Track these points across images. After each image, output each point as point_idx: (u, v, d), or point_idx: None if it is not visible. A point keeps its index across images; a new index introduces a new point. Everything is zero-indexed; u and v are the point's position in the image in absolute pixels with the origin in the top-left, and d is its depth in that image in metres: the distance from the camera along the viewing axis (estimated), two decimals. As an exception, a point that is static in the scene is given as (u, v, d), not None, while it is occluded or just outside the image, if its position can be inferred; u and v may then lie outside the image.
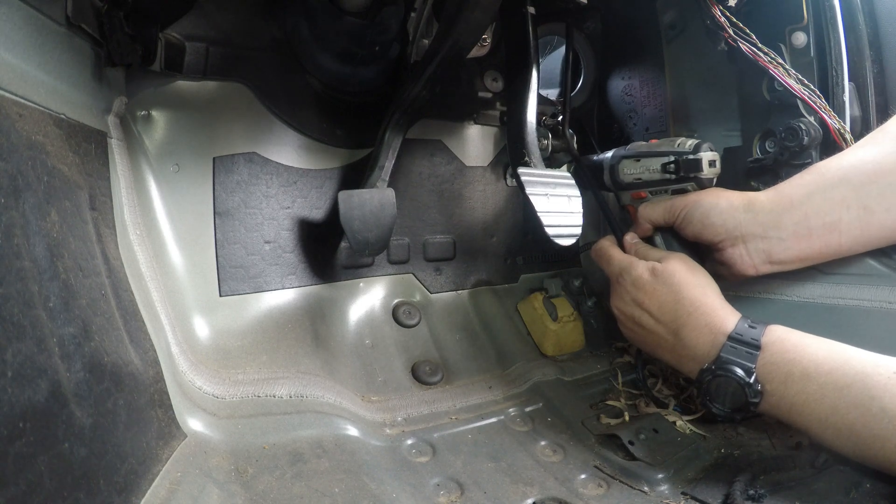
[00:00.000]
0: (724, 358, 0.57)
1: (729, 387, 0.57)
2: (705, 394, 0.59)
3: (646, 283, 0.66)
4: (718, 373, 0.57)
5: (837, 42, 0.70)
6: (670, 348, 0.64)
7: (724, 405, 0.58)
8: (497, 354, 0.87)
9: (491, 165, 0.99)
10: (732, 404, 0.57)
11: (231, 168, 0.75)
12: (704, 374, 0.59)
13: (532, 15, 0.78)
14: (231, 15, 0.74)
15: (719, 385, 0.58)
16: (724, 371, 0.57)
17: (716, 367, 0.58)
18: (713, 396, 0.59)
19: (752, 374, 0.55)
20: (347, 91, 0.84)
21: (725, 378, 0.57)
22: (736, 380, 0.56)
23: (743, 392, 0.55)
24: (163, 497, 0.46)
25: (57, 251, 0.40)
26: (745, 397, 0.55)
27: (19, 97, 0.41)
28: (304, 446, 0.58)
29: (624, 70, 1.05)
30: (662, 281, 0.64)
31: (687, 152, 0.70)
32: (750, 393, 0.55)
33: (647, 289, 0.66)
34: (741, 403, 0.56)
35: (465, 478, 0.59)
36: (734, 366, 0.56)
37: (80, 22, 0.51)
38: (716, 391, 0.58)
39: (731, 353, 0.57)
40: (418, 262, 0.91)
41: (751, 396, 0.55)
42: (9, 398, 0.31)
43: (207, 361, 0.66)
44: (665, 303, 0.64)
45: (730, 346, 0.58)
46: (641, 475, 0.60)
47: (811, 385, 0.51)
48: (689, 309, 0.62)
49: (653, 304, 0.65)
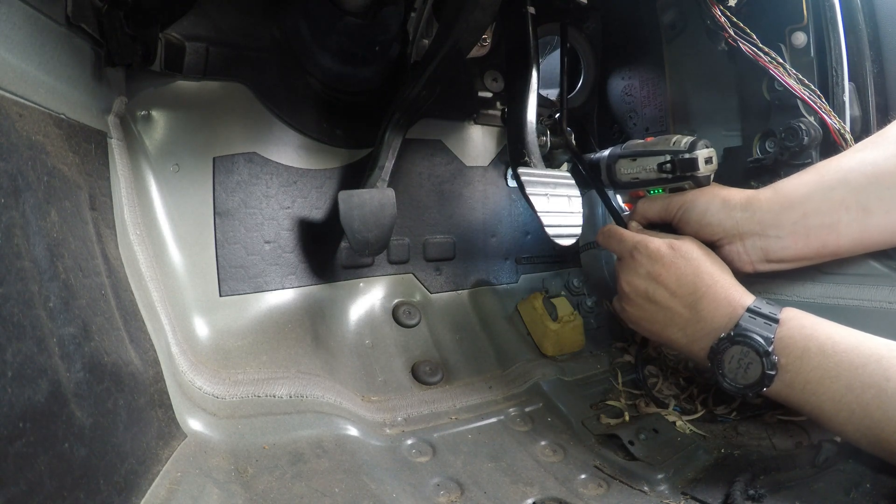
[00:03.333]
0: (743, 326, 0.56)
1: (746, 356, 0.55)
2: (718, 366, 0.58)
3: (664, 255, 0.64)
4: (737, 338, 0.56)
5: (837, 42, 0.70)
6: (683, 324, 0.63)
7: (738, 379, 0.56)
8: (497, 354, 0.87)
9: (491, 165, 0.99)
10: (747, 377, 0.55)
11: (231, 168, 0.75)
12: (721, 343, 0.58)
13: (532, 15, 0.78)
14: (231, 15, 0.74)
15: (735, 355, 0.56)
16: (743, 338, 0.55)
17: (734, 334, 0.56)
18: (727, 369, 0.57)
19: (771, 343, 0.54)
20: (347, 91, 0.84)
21: (743, 346, 0.55)
22: (754, 347, 0.54)
23: (760, 362, 0.54)
24: (163, 497, 0.46)
25: (57, 251, 0.40)
26: (761, 368, 0.54)
27: (19, 97, 0.41)
28: (304, 446, 0.59)
29: (624, 70, 1.05)
30: (682, 254, 0.64)
31: (682, 151, 0.70)
32: (767, 364, 0.54)
33: (665, 261, 0.64)
34: (757, 376, 0.55)
35: (465, 478, 0.59)
36: (753, 333, 0.55)
37: (80, 22, 0.51)
38: (730, 362, 0.57)
39: (750, 323, 0.56)
40: (418, 262, 0.91)
41: (767, 368, 0.54)
42: (9, 398, 0.31)
43: (207, 361, 0.66)
44: (684, 275, 0.63)
45: (748, 316, 0.57)
46: (641, 475, 0.60)
47: (828, 361, 0.51)
48: (708, 282, 0.61)
49: (671, 277, 0.63)
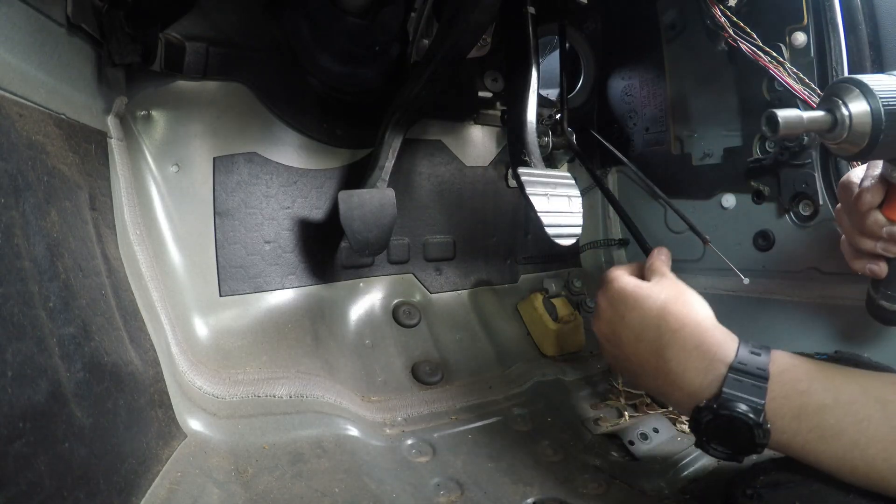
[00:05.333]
0: (728, 394, 0.47)
1: (733, 428, 0.47)
2: (703, 435, 0.50)
3: (629, 294, 0.56)
4: (722, 412, 0.47)
5: (837, 42, 0.70)
6: (653, 373, 0.53)
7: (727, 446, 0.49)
8: (497, 354, 0.87)
9: (491, 165, 0.99)
10: (736, 448, 0.49)
11: (231, 168, 0.75)
12: (703, 413, 0.49)
13: (532, 15, 0.78)
14: (231, 15, 0.74)
15: (720, 426, 0.48)
16: (729, 410, 0.47)
17: (717, 406, 0.48)
18: (712, 438, 0.49)
19: (762, 412, 0.46)
20: (348, 91, 0.84)
21: (730, 418, 0.47)
22: (743, 420, 0.46)
23: (750, 434, 0.46)
24: (163, 497, 0.46)
25: (57, 251, 0.40)
26: (752, 439, 0.47)
27: (19, 97, 0.41)
28: (304, 446, 0.59)
29: (624, 70, 1.05)
30: (647, 292, 0.55)
31: None
32: (759, 434, 0.46)
33: (629, 301, 0.56)
34: (746, 444, 0.47)
35: (465, 478, 0.59)
36: (740, 402, 0.47)
37: (81, 22, 0.51)
38: (716, 433, 0.49)
39: (736, 388, 0.47)
40: (418, 262, 0.91)
41: (759, 438, 0.46)
42: (9, 398, 0.31)
43: (207, 361, 0.66)
44: (647, 317, 0.54)
45: (733, 378, 0.48)
46: (641, 475, 0.60)
47: (828, 419, 0.45)
48: (673, 326, 0.52)
49: (634, 318, 0.55)
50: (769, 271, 0.80)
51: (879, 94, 0.44)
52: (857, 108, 0.45)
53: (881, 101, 0.44)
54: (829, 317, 0.70)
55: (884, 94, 0.44)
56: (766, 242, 0.80)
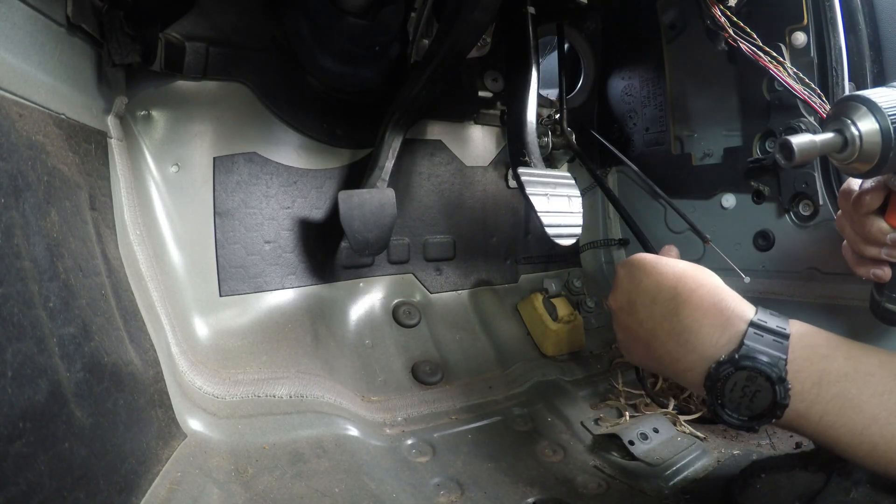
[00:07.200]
0: (750, 346, 0.45)
1: (753, 384, 0.44)
2: (718, 395, 0.46)
3: (647, 261, 0.56)
4: (743, 362, 0.44)
5: (837, 42, 0.70)
6: (666, 336, 0.51)
7: (743, 410, 0.46)
8: (497, 354, 0.87)
9: (491, 165, 0.99)
10: (753, 409, 0.45)
11: (231, 168, 0.75)
12: (722, 367, 0.46)
13: (532, 15, 0.78)
14: (231, 15, 0.74)
15: (739, 382, 0.45)
16: (751, 360, 0.44)
17: (739, 357, 0.45)
18: (728, 399, 0.46)
19: (784, 369, 0.44)
20: (347, 91, 0.84)
21: (751, 372, 0.44)
22: (765, 373, 0.44)
23: (772, 391, 0.43)
24: (163, 497, 0.46)
25: (57, 251, 0.40)
26: (772, 397, 0.43)
27: (20, 97, 0.41)
28: (304, 446, 0.59)
29: (624, 70, 1.05)
30: (665, 261, 0.55)
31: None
32: (780, 392, 0.43)
33: (647, 267, 0.55)
34: (765, 407, 0.44)
35: (465, 478, 0.59)
36: (762, 355, 0.44)
37: (81, 22, 0.51)
38: (733, 391, 0.46)
39: (757, 341, 0.45)
40: (418, 262, 0.91)
41: (780, 397, 0.43)
42: (9, 398, 0.31)
43: (207, 361, 0.66)
44: (664, 279, 0.53)
45: (753, 332, 0.46)
46: (641, 475, 0.60)
47: (850, 388, 0.42)
48: (691, 285, 0.51)
49: (651, 282, 0.54)
50: (769, 271, 0.80)
51: (887, 111, 0.43)
52: (866, 127, 0.44)
53: (889, 117, 0.43)
54: (829, 317, 0.70)
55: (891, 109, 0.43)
56: (766, 242, 0.80)
